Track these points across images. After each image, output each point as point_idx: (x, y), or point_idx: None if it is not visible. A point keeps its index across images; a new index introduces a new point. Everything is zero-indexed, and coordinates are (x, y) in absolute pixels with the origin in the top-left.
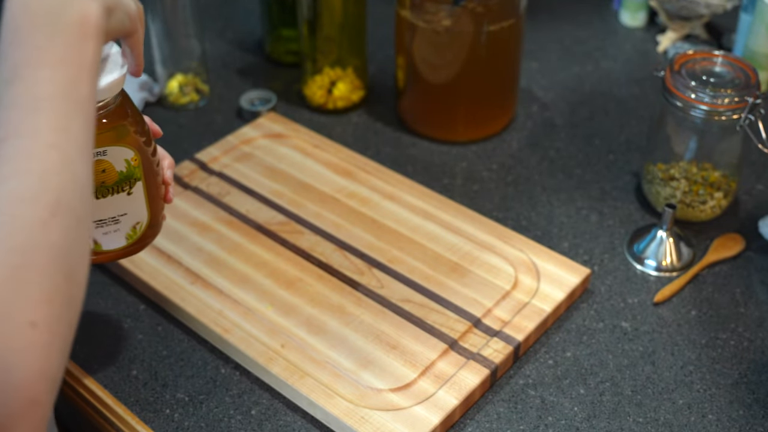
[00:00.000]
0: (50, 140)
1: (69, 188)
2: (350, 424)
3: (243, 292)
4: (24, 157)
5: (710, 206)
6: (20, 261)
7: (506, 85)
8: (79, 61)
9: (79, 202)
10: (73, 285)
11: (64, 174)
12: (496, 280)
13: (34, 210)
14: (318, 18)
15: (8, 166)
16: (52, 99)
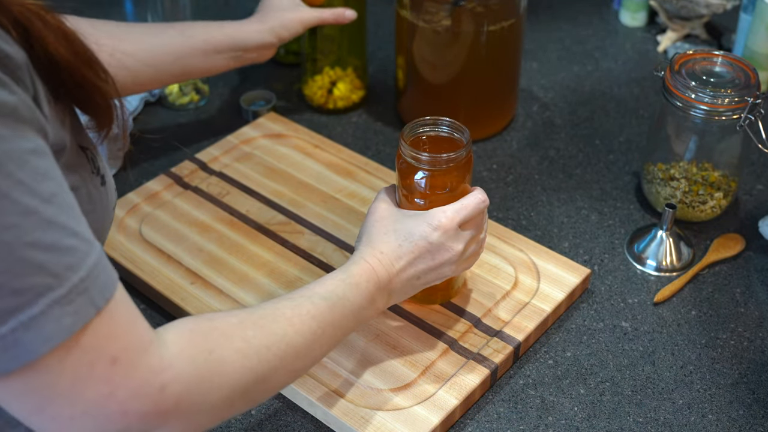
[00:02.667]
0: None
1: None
2: (350, 424)
3: (243, 292)
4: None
5: (710, 206)
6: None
7: (506, 85)
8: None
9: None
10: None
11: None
12: (496, 280)
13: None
14: None
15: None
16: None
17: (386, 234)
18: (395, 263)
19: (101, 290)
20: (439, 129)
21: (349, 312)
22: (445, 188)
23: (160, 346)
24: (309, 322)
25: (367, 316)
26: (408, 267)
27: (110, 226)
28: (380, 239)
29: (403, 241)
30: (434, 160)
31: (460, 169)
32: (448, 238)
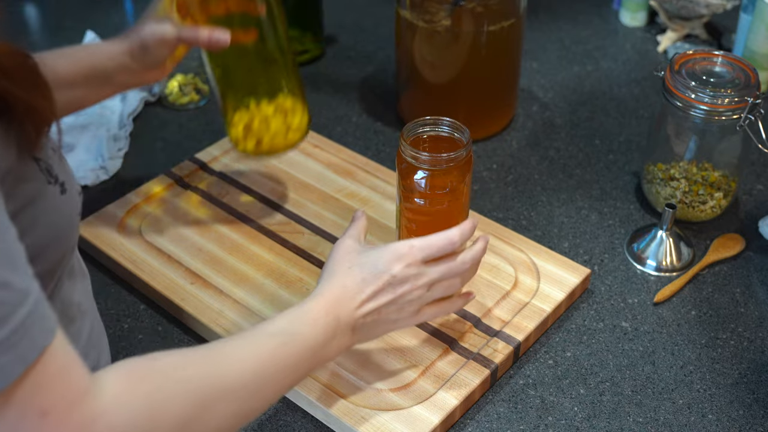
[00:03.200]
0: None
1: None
2: (350, 424)
3: (243, 292)
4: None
5: (710, 206)
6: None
7: (506, 85)
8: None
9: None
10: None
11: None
12: (496, 280)
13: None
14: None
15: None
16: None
17: (350, 268)
18: (357, 296)
19: (33, 342)
20: (439, 129)
21: (305, 349)
22: (445, 188)
23: (94, 395)
24: (256, 362)
25: (329, 353)
26: (369, 300)
27: (77, 232)
28: (344, 273)
29: (367, 274)
30: (434, 160)
31: (460, 169)
32: (411, 273)
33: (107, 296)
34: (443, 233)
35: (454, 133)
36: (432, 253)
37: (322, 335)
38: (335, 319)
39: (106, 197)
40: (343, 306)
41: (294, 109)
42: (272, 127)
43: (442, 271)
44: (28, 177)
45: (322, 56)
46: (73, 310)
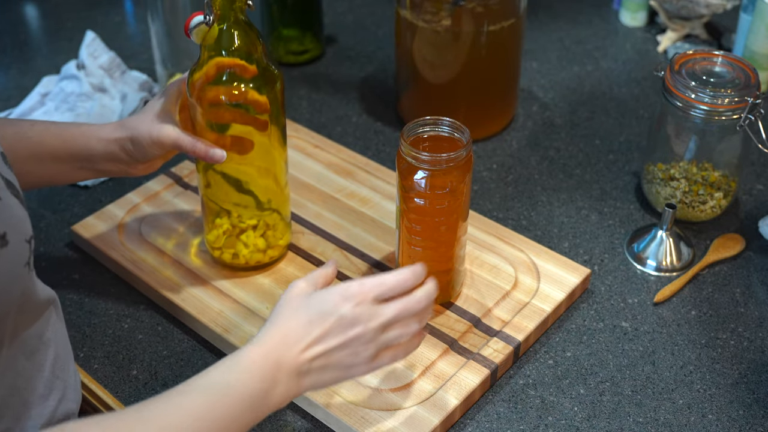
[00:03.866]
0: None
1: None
2: (350, 424)
3: (243, 292)
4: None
5: (710, 206)
6: None
7: (506, 85)
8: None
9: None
10: None
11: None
12: (496, 280)
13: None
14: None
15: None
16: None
17: (297, 310)
18: (302, 339)
19: None
20: (439, 129)
21: (242, 401)
22: (445, 188)
23: None
24: (185, 422)
25: (271, 403)
26: (316, 344)
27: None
28: (289, 316)
29: (314, 315)
30: (434, 160)
31: (460, 169)
32: (362, 312)
33: (107, 296)
34: (394, 272)
35: (454, 133)
36: (384, 291)
37: (259, 383)
38: (275, 364)
39: (106, 197)
40: (285, 350)
41: (276, 225)
42: (252, 242)
43: (397, 309)
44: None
45: (322, 56)
46: (33, 342)
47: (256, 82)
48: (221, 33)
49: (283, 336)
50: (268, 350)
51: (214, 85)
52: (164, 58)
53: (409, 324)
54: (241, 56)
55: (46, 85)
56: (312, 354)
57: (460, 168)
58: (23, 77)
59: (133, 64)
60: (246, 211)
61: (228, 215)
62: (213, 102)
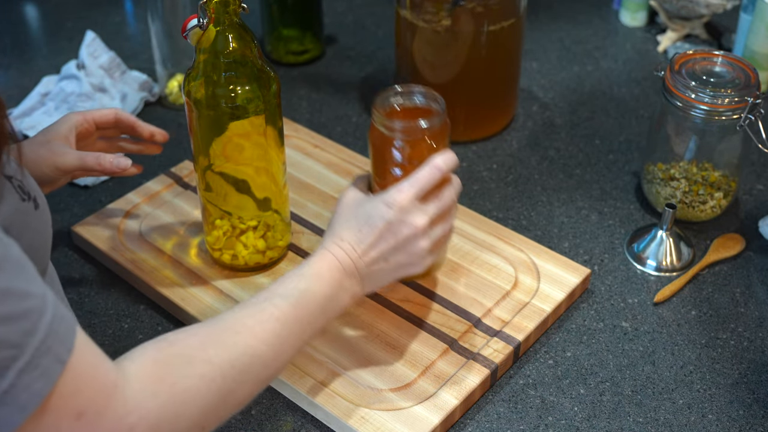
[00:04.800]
0: (290, 342)
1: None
2: (350, 424)
3: (243, 292)
4: (278, 339)
5: (710, 206)
6: (234, 389)
7: (506, 85)
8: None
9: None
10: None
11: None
12: (496, 280)
13: (260, 370)
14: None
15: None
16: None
17: (347, 221)
18: (357, 247)
19: (63, 342)
20: (412, 98)
21: (315, 305)
22: (421, 158)
23: (123, 389)
24: (273, 327)
25: (339, 306)
26: (370, 249)
27: (50, 243)
28: (342, 227)
29: (363, 225)
30: (409, 128)
31: (435, 138)
32: (407, 214)
33: (107, 296)
34: (424, 168)
35: (427, 101)
36: (422, 185)
37: (330, 288)
38: (340, 271)
39: (106, 197)
40: (344, 259)
41: (276, 226)
42: (252, 242)
43: (437, 206)
44: (5, 195)
45: (322, 56)
46: None
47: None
48: (216, 36)
49: (341, 245)
50: (331, 259)
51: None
52: (164, 58)
53: (447, 218)
54: (236, 59)
55: (46, 85)
56: (369, 259)
57: (436, 137)
58: (23, 77)
59: (133, 64)
60: (246, 212)
61: (228, 216)
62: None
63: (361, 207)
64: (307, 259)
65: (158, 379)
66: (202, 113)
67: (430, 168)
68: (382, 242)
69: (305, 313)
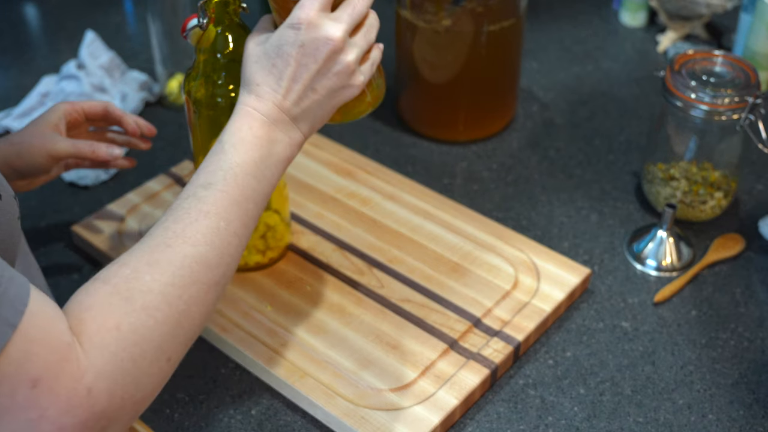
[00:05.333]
0: (235, 230)
1: (231, 268)
2: (350, 424)
3: (243, 292)
4: (216, 235)
5: (710, 206)
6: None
7: (506, 85)
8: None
9: (229, 280)
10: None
11: (233, 258)
12: (496, 279)
13: (208, 275)
14: None
15: (203, 236)
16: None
17: (257, 62)
18: (276, 87)
19: (13, 304)
20: None
21: (247, 177)
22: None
23: (76, 349)
24: (207, 224)
25: (278, 163)
26: (292, 83)
27: (18, 237)
28: (253, 71)
29: (274, 58)
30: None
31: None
32: (318, 29)
33: None
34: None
35: None
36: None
37: (257, 151)
38: (263, 124)
39: (106, 197)
40: (265, 107)
41: (276, 227)
42: (252, 243)
43: (349, 12)
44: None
45: None
46: None
47: None
48: (216, 36)
49: (257, 92)
50: (250, 116)
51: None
52: (164, 58)
53: (367, 28)
54: (236, 59)
55: (46, 85)
56: (295, 96)
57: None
58: (23, 77)
59: (133, 64)
60: None
61: None
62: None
63: (267, 42)
64: (227, 128)
65: (101, 326)
66: (202, 113)
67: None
68: (303, 70)
69: (238, 192)
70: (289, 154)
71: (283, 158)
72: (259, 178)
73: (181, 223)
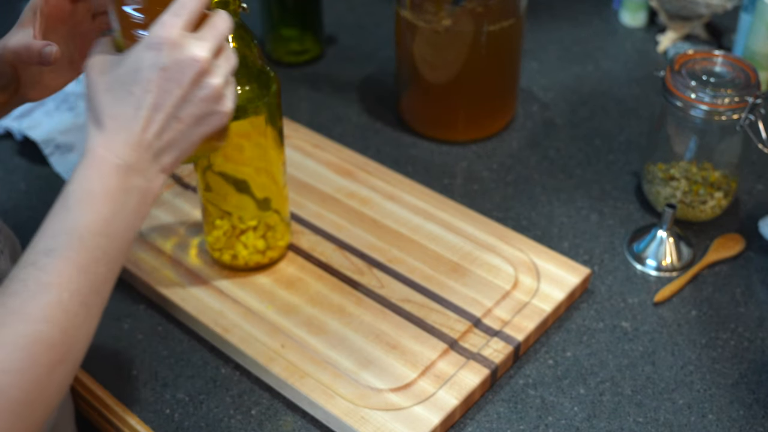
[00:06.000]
0: (84, 300)
1: (81, 342)
2: (350, 424)
3: (243, 292)
4: (58, 309)
5: (710, 206)
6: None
7: (506, 85)
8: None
9: (82, 353)
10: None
11: (82, 330)
12: (496, 279)
13: (50, 355)
14: None
15: (43, 312)
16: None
17: (108, 91)
18: (135, 119)
19: None
20: None
21: (98, 235)
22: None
23: None
24: (48, 299)
25: (134, 209)
26: (155, 113)
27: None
28: (103, 103)
29: (131, 85)
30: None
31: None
32: (183, 49)
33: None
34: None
35: None
36: (190, 11)
37: (108, 206)
38: (117, 172)
39: None
40: (120, 145)
41: (276, 227)
42: (252, 243)
43: (213, 32)
44: None
45: (322, 56)
46: None
47: (252, 85)
48: None
49: (110, 133)
50: (100, 163)
51: None
52: None
53: (228, 52)
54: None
55: None
56: (157, 128)
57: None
58: None
59: None
60: (246, 212)
61: (228, 216)
62: None
63: (121, 65)
64: (73, 173)
65: None
66: None
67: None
68: (166, 97)
69: (85, 256)
70: (149, 200)
71: (140, 206)
72: (112, 236)
73: (18, 298)
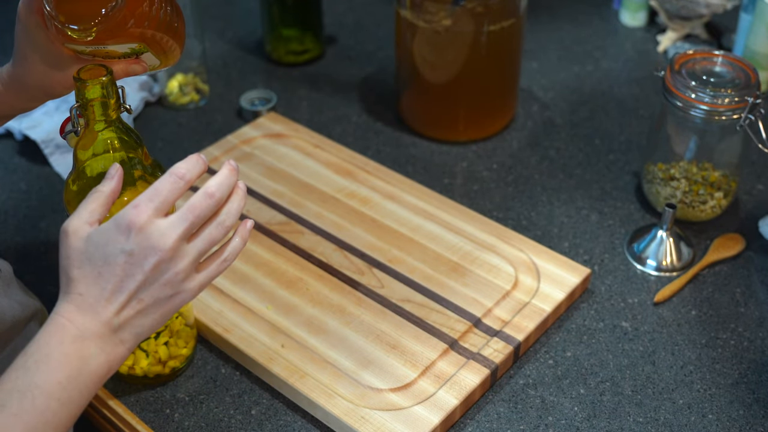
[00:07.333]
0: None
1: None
2: (350, 424)
3: (243, 292)
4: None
5: (710, 206)
6: None
7: (506, 85)
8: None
9: None
10: None
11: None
12: (496, 279)
13: None
14: None
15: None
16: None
17: (80, 268)
18: (100, 298)
19: None
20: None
21: (50, 398)
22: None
23: None
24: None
25: (90, 378)
26: (117, 294)
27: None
28: (77, 278)
29: (101, 266)
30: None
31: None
32: (149, 238)
33: None
34: (164, 176)
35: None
36: (162, 201)
37: (63, 372)
38: (76, 341)
39: None
40: (84, 317)
41: (180, 332)
42: (152, 350)
43: (185, 215)
44: None
45: (322, 56)
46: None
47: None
48: (97, 139)
49: (77, 306)
50: (63, 329)
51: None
52: None
53: (216, 225)
54: (121, 160)
55: None
56: (116, 307)
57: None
58: None
59: None
60: None
61: None
62: None
63: (93, 243)
64: (37, 334)
65: None
66: None
67: (170, 178)
68: (129, 281)
69: (35, 418)
70: (105, 370)
71: (97, 376)
72: (64, 401)
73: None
